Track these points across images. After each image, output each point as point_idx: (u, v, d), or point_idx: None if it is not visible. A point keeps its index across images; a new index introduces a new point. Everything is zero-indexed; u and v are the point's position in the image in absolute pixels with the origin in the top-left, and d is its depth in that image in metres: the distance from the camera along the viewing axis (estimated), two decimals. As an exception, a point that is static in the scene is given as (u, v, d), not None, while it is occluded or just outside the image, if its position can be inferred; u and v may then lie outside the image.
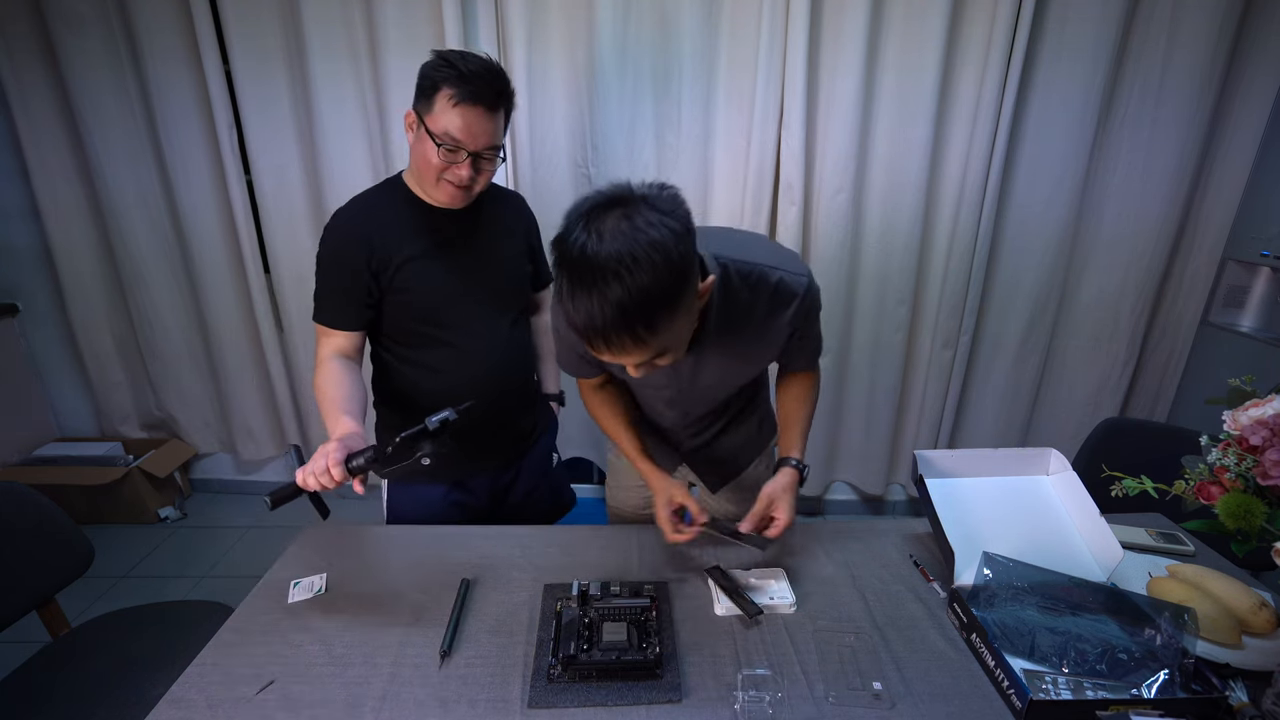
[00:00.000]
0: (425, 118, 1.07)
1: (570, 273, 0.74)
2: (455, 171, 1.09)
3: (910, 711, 0.84)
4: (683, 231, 0.76)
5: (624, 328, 0.75)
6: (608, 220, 0.73)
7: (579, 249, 0.73)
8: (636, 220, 0.73)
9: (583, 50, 2.02)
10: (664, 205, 0.76)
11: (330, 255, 1.16)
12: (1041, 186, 2.13)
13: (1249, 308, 2.13)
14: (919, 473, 1.17)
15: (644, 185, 0.78)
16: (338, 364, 1.13)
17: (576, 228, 0.74)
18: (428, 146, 1.08)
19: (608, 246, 0.72)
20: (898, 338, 2.33)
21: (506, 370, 1.31)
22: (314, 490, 0.95)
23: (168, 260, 2.38)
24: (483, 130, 1.07)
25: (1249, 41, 1.97)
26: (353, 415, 1.05)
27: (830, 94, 2.04)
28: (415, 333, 1.22)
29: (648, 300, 0.73)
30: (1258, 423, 0.81)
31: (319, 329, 1.18)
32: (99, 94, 2.14)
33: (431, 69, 1.06)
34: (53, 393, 2.65)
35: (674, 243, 0.74)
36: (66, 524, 1.32)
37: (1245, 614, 0.93)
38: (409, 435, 0.95)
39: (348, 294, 1.15)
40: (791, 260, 1.00)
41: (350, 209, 1.17)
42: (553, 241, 0.78)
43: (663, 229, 0.73)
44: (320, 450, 0.94)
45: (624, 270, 0.71)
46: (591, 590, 1.01)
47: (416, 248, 1.16)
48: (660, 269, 0.73)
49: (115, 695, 1.15)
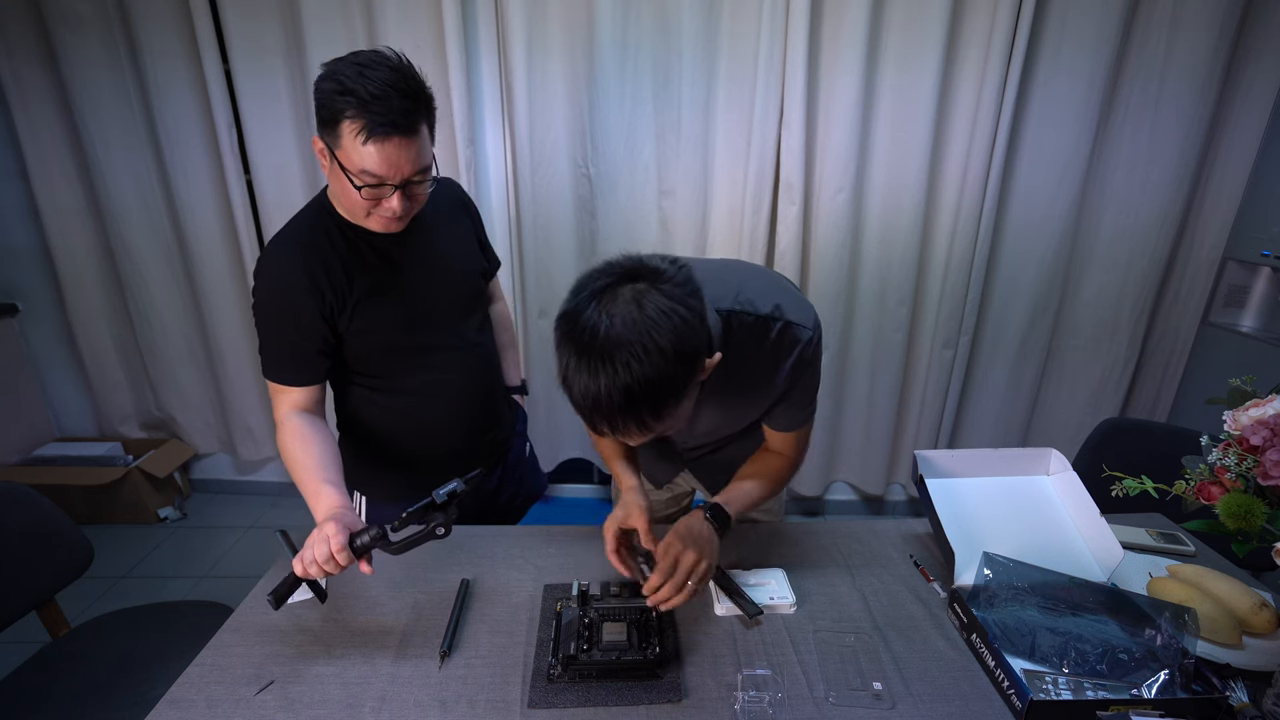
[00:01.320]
0: (335, 152, 0.92)
1: (578, 353, 0.71)
2: (384, 206, 0.96)
3: (910, 711, 0.84)
4: (695, 320, 0.73)
5: (630, 415, 0.72)
6: (619, 301, 0.71)
7: (589, 331, 0.70)
8: (648, 307, 0.70)
9: (583, 50, 2.02)
10: (677, 287, 0.73)
11: (276, 310, 1.02)
12: (1042, 186, 2.13)
13: (1249, 308, 2.14)
14: (919, 473, 1.17)
15: (656, 259, 0.76)
16: (302, 422, 1.03)
17: (588, 307, 0.71)
18: (345, 184, 0.94)
19: (619, 332, 0.69)
20: (898, 338, 2.33)
21: (480, 378, 1.27)
22: (315, 579, 0.88)
23: (167, 260, 2.38)
24: (405, 159, 0.92)
25: (1249, 41, 1.97)
26: (334, 484, 0.97)
27: (830, 94, 2.04)
28: (382, 364, 1.14)
29: (656, 392, 0.71)
30: (1258, 423, 0.81)
31: (273, 386, 1.06)
32: (99, 94, 2.14)
33: (326, 95, 0.89)
34: (52, 393, 2.65)
35: (686, 333, 0.71)
36: (66, 524, 1.32)
37: (1246, 614, 0.93)
38: (416, 509, 0.89)
39: (302, 348, 1.04)
40: (796, 305, 0.93)
41: (286, 254, 1.03)
42: (561, 316, 0.74)
43: (675, 317, 0.71)
44: (318, 535, 0.86)
45: (634, 360, 0.68)
46: (591, 590, 1.01)
47: (367, 282, 1.05)
48: (671, 362, 0.70)
49: (115, 695, 1.14)
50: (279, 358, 1.05)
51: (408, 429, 1.20)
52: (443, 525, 0.90)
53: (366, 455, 1.22)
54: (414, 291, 1.11)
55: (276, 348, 1.05)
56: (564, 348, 0.73)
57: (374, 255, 1.07)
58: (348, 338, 1.07)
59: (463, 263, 1.22)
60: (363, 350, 1.10)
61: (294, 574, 0.87)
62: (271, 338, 1.04)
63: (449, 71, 2.01)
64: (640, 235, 2.24)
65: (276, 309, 1.03)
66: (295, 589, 0.89)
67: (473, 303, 1.25)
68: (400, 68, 0.91)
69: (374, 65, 0.89)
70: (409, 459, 1.22)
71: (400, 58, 0.92)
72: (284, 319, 1.02)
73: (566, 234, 2.23)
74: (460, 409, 1.23)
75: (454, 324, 1.19)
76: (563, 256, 2.26)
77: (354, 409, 1.19)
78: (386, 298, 1.08)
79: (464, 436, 1.25)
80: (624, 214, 2.21)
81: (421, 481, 1.23)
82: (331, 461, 1.01)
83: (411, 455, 1.22)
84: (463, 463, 1.24)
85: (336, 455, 1.03)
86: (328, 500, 0.94)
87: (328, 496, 0.94)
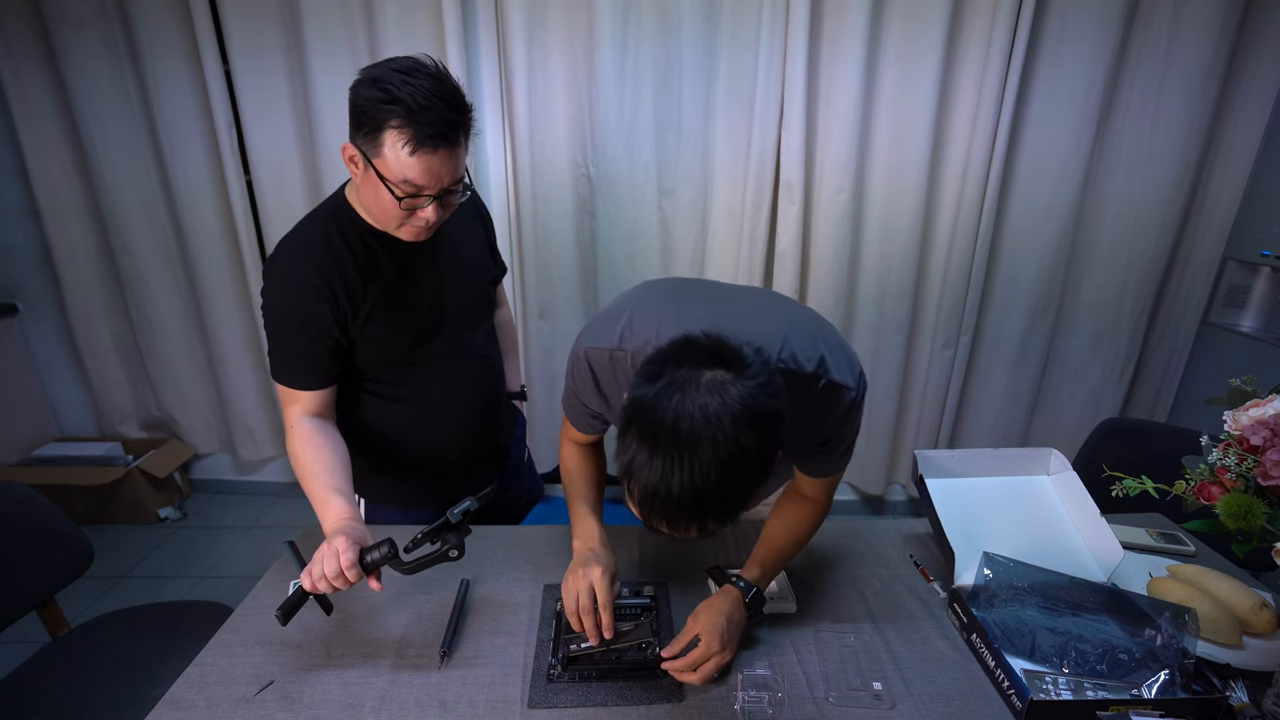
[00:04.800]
0: (374, 160, 0.89)
1: (651, 447, 0.63)
2: (420, 215, 0.95)
3: (910, 711, 0.84)
4: (777, 423, 0.67)
5: (695, 518, 0.66)
6: (702, 387, 0.63)
7: (670, 418, 0.62)
8: (733, 404, 0.62)
9: (583, 50, 2.02)
10: (762, 386, 0.65)
11: (288, 312, 1.00)
12: (1042, 186, 2.13)
13: (1249, 308, 2.14)
14: (919, 473, 1.17)
15: (741, 344, 0.68)
16: (312, 428, 1.01)
17: (667, 399, 0.63)
18: (381, 193, 0.92)
19: (700, 428, 0.61)
20: (898, 338, 2.33)
21: (486, 388, 1.26)
22: (323, 593, 0.87)
23: (167, 260, 2.38)
24: (446, 170, 0.91)
25: (1250, 41, 1.97)
26: (343, 493, 0.95)
27: (830, 94, 2.04)
28: (390, 371, 1.12)
29: (731, 498, 0.66)
30: (1258, 423, 0.81)
31: (283, 390, 1.03)
32: (98, 93, 2.14)
33: (369, 103, 0.86)
34: (52, 393, 2.65)
35: (769, 436, 0.66)
36: (66, 524, 1.32)
37: (1246, 614, 0.93)
38: (430, 530, 0.87)
39: (314, 353, 1.01)
40: (840, 359, 0.87)
41: (299, 255, 1.00)
42: (633, 401, 0.66)
43: (764, 429, 0.64)
44: (327, 549, 0.84)
45: (713, 468, 0.62)
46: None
47: (382, 287, 1.04)
48: (752, 469, 0.64)
49: (115, 695, 1.14)
50: (289, 361, 1.02)
51: (411, 435, 1.19)
52: (456, 547, 0.89)
53: (368, 460, 1.20)
54: (427, 300, 1.10)
55: (285, 350, 1.02)
56: (633, 437, 0.65)
57: (391, 262, 1.05)
58: (359, 343, 1.05)
59: (475, 271, 1.21)
60: (372, 356, 1.08)
61: (302, 589, 0.85)
62: (282, 340, 1.01)
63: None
64: (640, 235, 2.24)
65: (287, 311, 1.00)
66: (302, 604, 0.87)
67: (483, 311, 1.24)
68: (441, 76, 0.89)
69: (417, 73, 0.87)
70: (410, 465, 1.21)
71: (439, 66, 0.90)
72: (294, 321, 1.00)
73: (566, 234, 2.23)
74: (465, 417, 1.22)
75: (464, 334, 1.18)
76: (563, 256, 2.26)
77: (358, 413, 1.17)
78: (400, 305, 1.06)
79: (467, 444, 1.25)
80: (624, 214, 2.21)
81: (423, 487, 1.24)
82: (341, 468, 0.99)
83: (413, 461, 1.21)
84: (464, 469, 1.24)
85: (346, 461, 1.02)
86: (336, 510, 0.92)
87: (336, 506, 0.93)
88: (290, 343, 1.01)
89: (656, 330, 0.83)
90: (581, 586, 0.89)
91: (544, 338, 2.35)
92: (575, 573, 0.92)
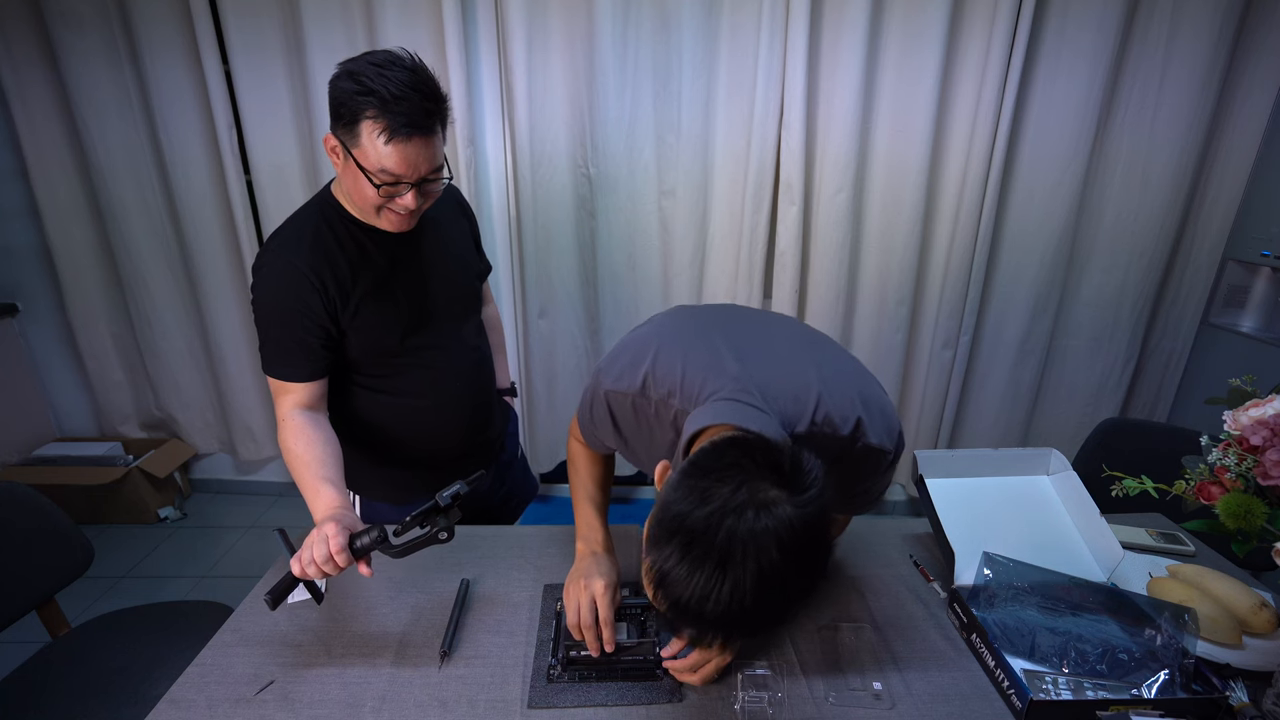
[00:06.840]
0: (353, 150, 0.92)
1: (695, 559, 0.60)
2: (399, 203, 0.97)
3: (910, 711, 0.84)
4: (826, 555, 0.66)
5: (722, 634, 0.64)
6: (758, 513, 0.59)
7: (721, 543, 0.59)
8: (784, 533, 0.59)
9: (583, 50, 2.02)
10: (819, 510, 0.62)
11: (277, 304, 1.01)
12: (1042, 186, 2.13)
13: (1249, 308, 2.14)
14: (919, 473, 1.17)
15: (804, 456, 0.64)
16: (304, 420, 1.02)
17: (721, 522, 0.59)
18: (361, 182, 0.94)
19: (749, 555, 0.58)
20: (898, 338, 2.33)
21: (476, 380, 1.27)
22: (313, 579, 0.87)
23: (167, 260, 2.38)
24: (423, 159, 0.94)
25: (1250, 41, 1.97)
26: (334, 483, 0.96)
27: (830, 94, 2.04)
28: (380, 363, 1.13)
29: (762, 622, 0.65)
30: (1258, 423, 0.81)
31: (275, 383, 1.04)
32: (98, 93, 2.14)
33: (345, 95, 0.89)
34: (52, 393, 2.65)
35: (813, 575, 0.65)
36: (66, 524, 1.32)
37: (1245, 614, 0.93)
38: (419, 513, 0.88)
39: (304, 343, 1.02)
40: (878, 420, 0.83)
41: (288, 248, 1.02)
42: (680, 511, 0.62)
43: (811, 562, 0.63)
44: (316, 535, 0.85)
45: (750, 598, 0.59)
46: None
47: (370, 278, 1.06)
48: (790, 602, 0.63)
49: (115, 695, 1.14)
50: (280, 353, 1.03)
51: (403, 428, 1.20)
52: (445, 530, 0.89)
53: (360, 453, 1.22)
54: (415, 291, 1.11)
55: (277, 343, 1.03)
56: (673, 549, 0.61)
57: (378, 253, 1.07)
58: (349, 334, 1.06)
59: (462, 265, 1.23)
60: (363, 347, 1.09)
61: (291, 574, 0.86)
62: (272, 333, 1.03)
63: (449, 71, 2.01)
64: (640, 235, 2.24)
65: (278, 303, 1.01)
66: (293, 589, 0.88)
67: (470, 304, 1.25)
68: (417, 68, 0.92)
69: (391, 66, 0.90)
70: (403, 458, 1.22)
71: (414, 58, 0.93)
72: (285, 313, 1.01)
73: (566, 234, 2.23)
74: (456, 410, 1.23)
75: (453, 325, 1.20)
76: (563, 256, 2.26)
77: (349, 407, 1.18)
78: (388, 296, 1.08)
79: (458, 437, 1.26)
80: (624, 214, 2.21)
81: (414, 480, 1.24)
82: (332, 459, 1.00)
83: (405, 454, 1.22)
84: (455, 463, 1.24)
85: (338, 453, 1.03)
86: (327, 499, 0.93)
87: (327, 495, 0.94)
88: (282, 334, 1.02)
89: (681, 379, 0.82)
90: (584, 600, 0.89)
91: (544, 337, 2.35)
92: (577, 582, 0.92)
